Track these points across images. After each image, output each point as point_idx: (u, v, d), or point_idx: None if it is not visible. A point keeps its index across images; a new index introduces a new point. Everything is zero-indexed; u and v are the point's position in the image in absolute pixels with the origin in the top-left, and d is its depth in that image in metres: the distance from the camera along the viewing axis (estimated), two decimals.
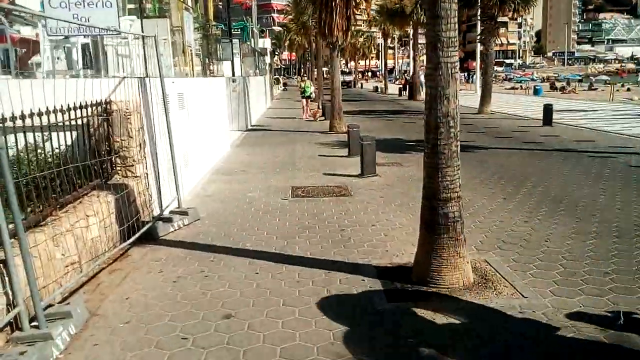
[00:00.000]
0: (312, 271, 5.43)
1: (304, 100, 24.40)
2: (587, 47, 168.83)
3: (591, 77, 71.28)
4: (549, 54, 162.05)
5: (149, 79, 7.50)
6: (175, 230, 7.07)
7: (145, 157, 7.36)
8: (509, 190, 8.97)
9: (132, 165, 7.08)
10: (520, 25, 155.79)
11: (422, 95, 39.57)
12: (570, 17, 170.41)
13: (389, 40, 59.83)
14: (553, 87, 56.26)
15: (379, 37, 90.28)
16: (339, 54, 17.92)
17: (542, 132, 17.21)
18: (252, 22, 36.35)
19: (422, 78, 46.88)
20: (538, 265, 5.48)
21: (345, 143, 14.60)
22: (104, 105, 6.72)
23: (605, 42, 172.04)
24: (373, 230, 6.84)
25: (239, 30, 39.34)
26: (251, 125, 21.27)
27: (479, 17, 25.99)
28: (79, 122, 6.05)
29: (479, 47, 45.15)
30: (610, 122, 19.52)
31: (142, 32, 8.83)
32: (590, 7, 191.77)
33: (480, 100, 24.84)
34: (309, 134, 18.30)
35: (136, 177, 7.10)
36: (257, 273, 5.43)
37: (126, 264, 5.82)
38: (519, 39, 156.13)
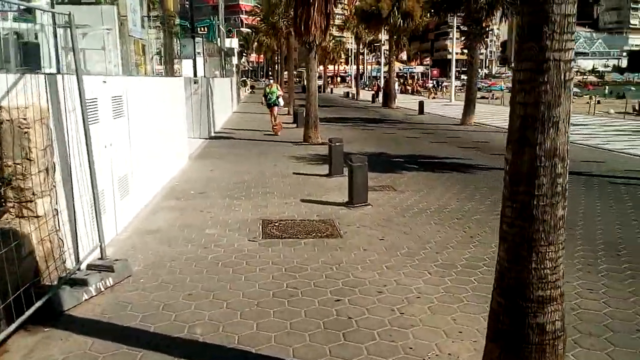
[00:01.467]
0: None
1: (272, 109, 19.41)
2: None
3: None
4: (514, 65, 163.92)
5: (62, 77, 5.26)
6: (92, 297, 4.83)
7: (54, 188, 5.13)
8: None
9: (32, 201, 4.84)
10: (487, 35, 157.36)
11: (396, 102, 37.93)
12: None
13: (360, 45, 57.98)
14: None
15: (348, 42, 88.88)
16: (316, 55, 15.83)
17: None
18: (218, 19, 34.00)
19: (397, 85, 45.25)
20: None
21: (322, 157, 12.59)
22: None
23: None
24: (380, 301, 4.77)
25: (205, 28, 37.00)
26: (215, 132, 18.98)
27: (455, 24, 24.30)
28: None
29: (454, 55, 43.90)
30: (608, 139, 18.02)
31: (53, 7, 6.53)
32: None
33: (463, 110, 23.16)
34: (280, 144, 16.15)
35: (37, 217, 4.85)
36: None
37: None
38: (486, 48, 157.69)
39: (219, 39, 32.23)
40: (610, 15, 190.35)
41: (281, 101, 19.86)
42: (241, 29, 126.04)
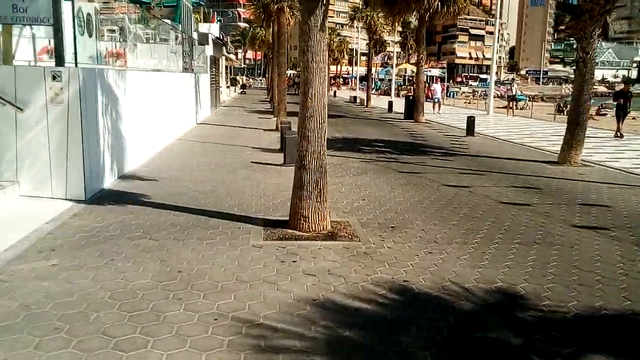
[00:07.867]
0: None
1: None
2: (559, 67, 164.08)
3: (592, 101, 62.06)
4: (522, 72, 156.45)
5: None
6: None
7: None
8: None
9: None
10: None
11: (427, 115, 28.37)
12: (544, 36, 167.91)
13: (372, 43, 48.10)
14: (560, 111, 46.17)
15: (353, 42, 79.26)
16: (325, 18, 6.35)
17: None
18: None
19: (438, 92, 34.62)
20: None
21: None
22: None
23: None
24: None
25: (171, 7, 27.63)
26: (119, 178, 9.58)
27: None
28: None
29: (495, 57, 34.82)
30: None
31: None
32: (562, 27, 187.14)
33: (565, 140, 13.70)
34: (235, 232, 6.86)
35: None
36: None
37: None
38: (495, 53, 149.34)
39: (181, 21, 22.87)
40: (620, 24, 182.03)
41: None
42: (238, 23, 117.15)
